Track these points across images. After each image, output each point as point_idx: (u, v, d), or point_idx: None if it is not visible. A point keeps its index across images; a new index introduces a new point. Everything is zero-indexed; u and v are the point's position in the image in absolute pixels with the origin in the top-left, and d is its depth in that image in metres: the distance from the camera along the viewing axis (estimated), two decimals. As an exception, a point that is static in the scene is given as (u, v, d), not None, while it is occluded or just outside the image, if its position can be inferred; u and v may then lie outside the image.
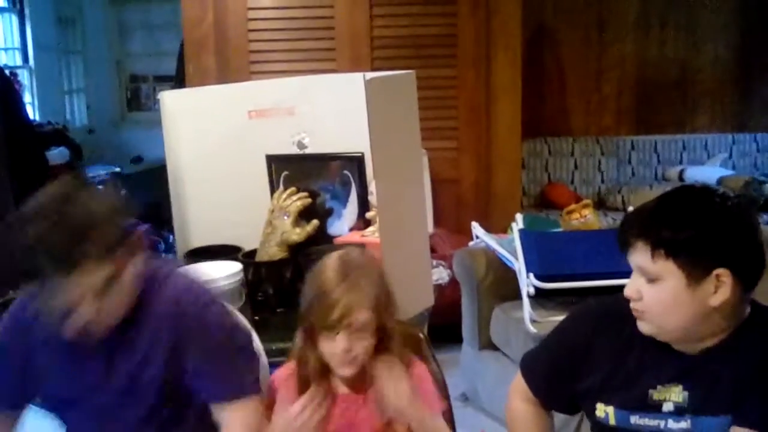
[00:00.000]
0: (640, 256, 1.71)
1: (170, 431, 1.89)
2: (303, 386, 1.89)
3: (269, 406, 1.92)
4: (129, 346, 1.84)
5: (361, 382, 1.90)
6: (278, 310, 2.52)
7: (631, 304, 1.76)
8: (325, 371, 1.89)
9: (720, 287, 1.66)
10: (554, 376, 1.94)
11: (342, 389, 1.92)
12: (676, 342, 1.76)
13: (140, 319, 1.84)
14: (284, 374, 1.96)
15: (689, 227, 1.66)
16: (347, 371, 1.87)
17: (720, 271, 1.65)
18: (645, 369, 1.78)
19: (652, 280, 1.70)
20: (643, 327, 1.76)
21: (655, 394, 1.76)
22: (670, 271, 1.67)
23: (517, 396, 2.01)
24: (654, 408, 1.76)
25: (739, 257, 1.67)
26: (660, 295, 1.70)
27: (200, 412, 1.89)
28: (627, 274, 1.79)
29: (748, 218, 1.73)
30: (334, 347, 1.82)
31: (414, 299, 2.70)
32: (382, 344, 1.89)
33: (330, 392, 1.91)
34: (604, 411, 1.82)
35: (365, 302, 1.83)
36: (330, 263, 1.89)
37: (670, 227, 1.67)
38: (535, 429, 1.98)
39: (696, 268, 1.66)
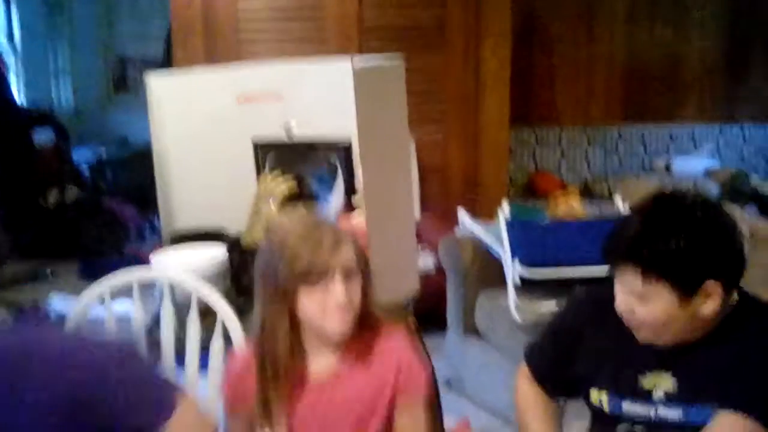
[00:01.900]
0: (629, 279, 1.72)
1: None
2: (272, 369, 1.73)
3: (231, 404, 1.81)
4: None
5: (336, 360, 1.78)
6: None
7: (625, 318, 1.78)
8: (296, 350, 1.74)
9: (710, 298, 1.69)
10: (553, 361, 1.98)
11: (314, 374, 1.77)
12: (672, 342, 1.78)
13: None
14: (239, 367, 1.81)
15: (678, 246, 1.66)
16: (344, 326, 1.71)
17: (709, 283, 1.67)
18: (633, 354, 1.81)
19: (642, 298, 1.72)
20: (640, 337, 1.78)
21: (644, 381, 1.79)
22: (661, 292, 1.69)
23: (524, 380, 2.04)
24: (644, 395, 1.78)
25: (726, 266, 1.70)
26: (652, 313, 1.71)
27: None
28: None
29: (728, 224, 1.73)
30: (331, 296, 1.67)
31: (399, 285, 2.70)
32: (364, 308, 1.76)
33: (301, 376, 1.77)
34: (598, 398, 1.85)
35: (349, 240, 1.73)
36: (289, 220, 1.83)
37: (659, 249, 1.67)
38: (542, 410, 2.00)
39: (687, 286, 1.68)
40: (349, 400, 1.75)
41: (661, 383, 1.77)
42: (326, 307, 1.69)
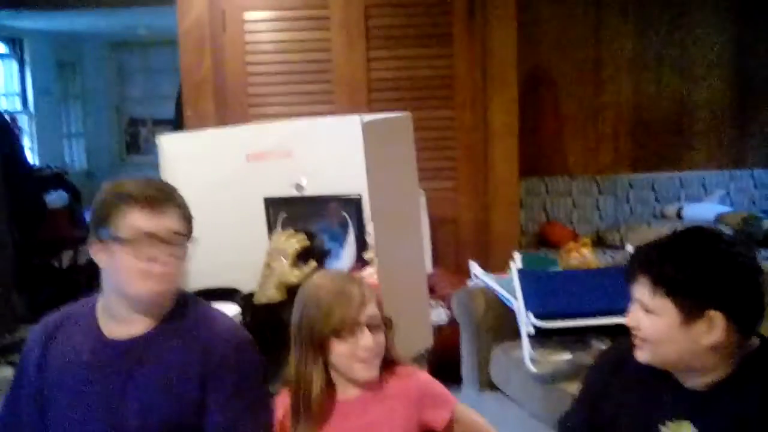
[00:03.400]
0: (641, 290, 1.79)
1: None
2: (305, 407, 1.91)
3: None
4: (152, 367, 1.88)
5: (362, 389, 1.95)
6: (277, 352, 2.51)
7: (632, 332, 1.83)
8: (329, 386, 1.93)
9: (712, 328, 1.71)
10: (582, 425, 2.00)
11: (343, 395, 1.95)
12: (673, 371, 1.80)
13: (168, 339, 1.91)
14: (284, 401, 1.98)
15: (689, 268, 1.72)
16: (372, 371, 1.91)
17: (713, 313, 1.70)
18: (654, 404, 1.82)
19: (649, 311, 1.77)
20: (640, 355, 1.83)
21: (665, 431, 1.78)
22: (666, 308, 1.74)
23: None
24: None
25: (734, 302, 1.71)
26: (654, 326, 1.76)
27: None
28: (626, 311, 1.83)
29: (750, 265, 1.76)
30: (360, 344, 1.87)
31: (413, 340, 2.69)
32: (387, 352, 1.96)
33: (330, 405, 1.94)
34: None
35: (373, 294, 1.92)
36: (320, 277, 2.01)
37: (672, 267, 1.73)
38: None
39: (690, 309, 1.72)
40: (375, 423, 1.92)
41: None
42: (355, 356, 1.88)
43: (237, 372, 1.91)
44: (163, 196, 1.91)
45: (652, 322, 1.76)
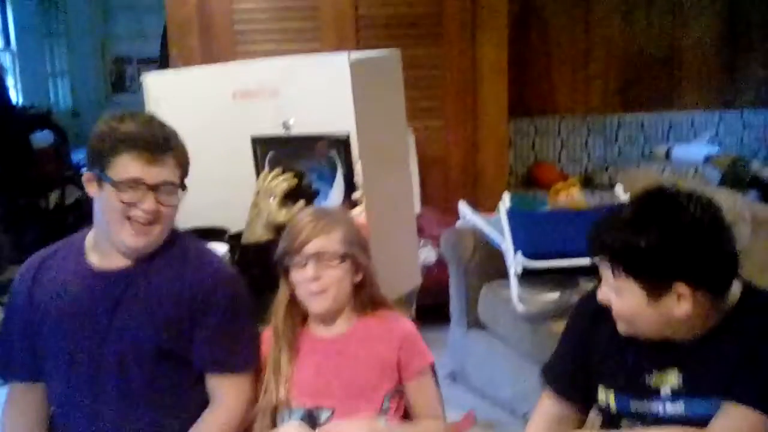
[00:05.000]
0: (603, 269, 1.74)
1: (164, 396, 1.92)
2: (276, 335, 1.98)
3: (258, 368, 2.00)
4: (140, 298, 1.90)
5: (340, 324, 1.98)
6: (265, 292, 2.50)
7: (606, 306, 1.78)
8: (294, 307, 1.98)
9: (682, 300, 1.66)
10: (570, 370, 1.95)
11: (319, 341, 1.98)
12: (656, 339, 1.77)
13: (157, 269, 1.92)
14: (269, 334, 2.02)
15: (646, 245, 1.65)
16: (318, 304, 1.93)
17: (678, 285, 1.65)
18: (643, 356, 1.79)
19: (616, 291, 1.73)
20: (620, 328, 1.78)
21: (653, 380, 1.77)
22: (629, 287, 1.69)
23: (539, 414, 1.99)
24: (652, 393, 1.76)
25: (699, 270, 1.66)
26: (624, 306, 1.72)
27: (195, 379, 1.94)
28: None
29: (713, 226, 1.69)
30: (304, 276, 1.90)
31: (401, 279, 2.70)
32: (362, 289, 1.98)
33: (308, 342, 1.98)
34: (605, 397, 1.84)
35: (332, 231, 1.93)
36: (305, 210, 2.11)
37: (628, 245, 1.67)
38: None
39: (654, 284, 1.67)
40: (352, 366, 1.94)
41: (668, 380, 1.75)
42: (302, 287, 1.94)
43: (224, 306, 1.93)
44: (162, 145, 1.89)
45: (621, 301, 1.72)
